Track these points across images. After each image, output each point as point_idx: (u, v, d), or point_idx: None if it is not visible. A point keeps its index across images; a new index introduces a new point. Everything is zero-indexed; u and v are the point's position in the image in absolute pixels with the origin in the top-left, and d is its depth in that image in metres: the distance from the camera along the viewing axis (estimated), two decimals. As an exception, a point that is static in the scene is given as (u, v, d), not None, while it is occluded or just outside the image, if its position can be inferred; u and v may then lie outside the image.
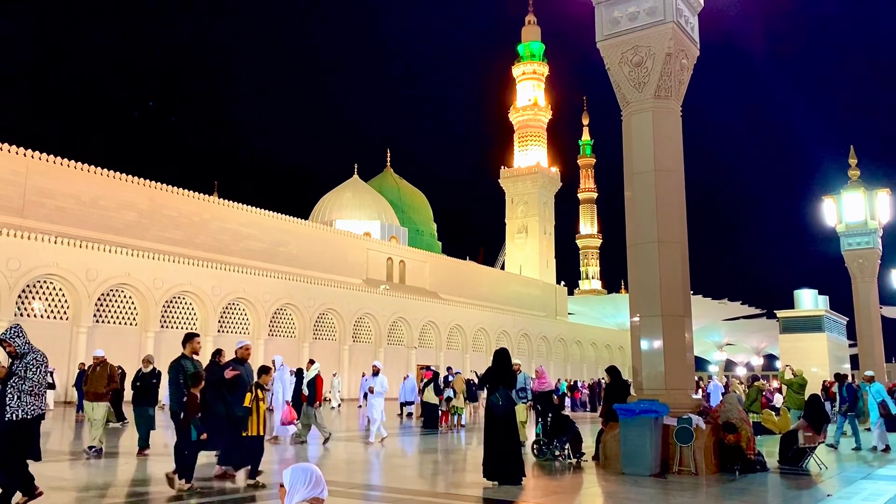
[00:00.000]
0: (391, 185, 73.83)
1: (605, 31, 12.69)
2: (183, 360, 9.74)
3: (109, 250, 33.35)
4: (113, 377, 13.67)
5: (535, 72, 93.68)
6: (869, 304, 27.56)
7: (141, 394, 13.78)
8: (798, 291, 37.86)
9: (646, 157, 12.34)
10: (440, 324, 52.84)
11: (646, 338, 11.99)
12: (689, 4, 12.78)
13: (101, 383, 13.53)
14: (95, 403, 13.41)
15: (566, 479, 11.13)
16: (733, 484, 10.32)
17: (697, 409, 11.64)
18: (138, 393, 13.79)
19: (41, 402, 7.45)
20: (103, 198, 37.59)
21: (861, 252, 27.46)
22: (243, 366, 10.38)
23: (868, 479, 11.27)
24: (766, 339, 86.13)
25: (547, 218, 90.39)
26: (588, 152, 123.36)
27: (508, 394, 10.27)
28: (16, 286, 29.82)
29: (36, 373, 7.40)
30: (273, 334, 40.98)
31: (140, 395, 13.76)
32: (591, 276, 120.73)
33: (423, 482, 11.25)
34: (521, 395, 15.40)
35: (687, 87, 12.83)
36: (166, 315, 36.07)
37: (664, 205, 12.18)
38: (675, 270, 12.06)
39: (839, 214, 28.06)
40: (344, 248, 52.39)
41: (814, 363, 35.21)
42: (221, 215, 43.93)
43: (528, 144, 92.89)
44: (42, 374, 7.45)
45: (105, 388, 13.55)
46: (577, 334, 70.74)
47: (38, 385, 7.41)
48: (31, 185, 34.72)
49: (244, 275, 39.48)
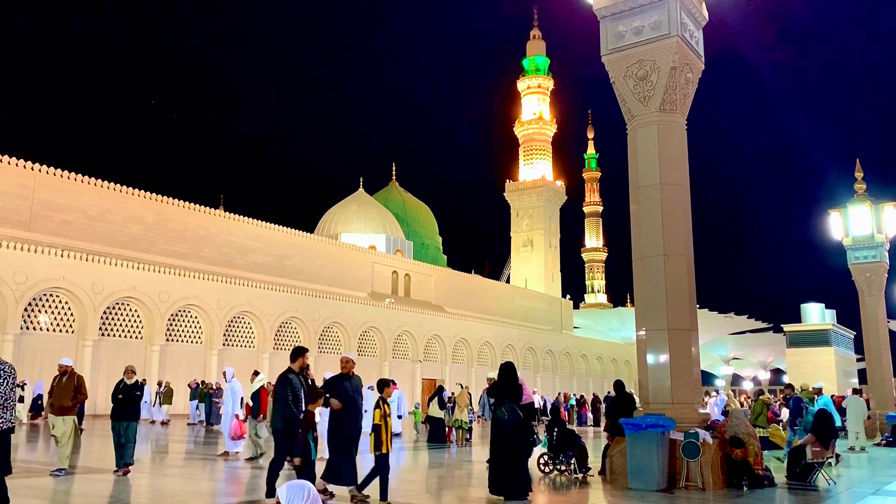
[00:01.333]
0: (396, 199, 73.98)
1: (610, 45, 12.73)
2: (290, 375, 9.28)
3: (115, 264, 33.45)
4: (81, 388, 12.40)
5: (539, 86, 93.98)
6: (877, 318, 27.38)
7: (123, 407, 12.41)
8: (805, 305, 37.73)
9: (651, 171, 12.34)
10: (445, 337, 52.74)
11: (652, 352, 11.94)
12: (693, 19, 12.82)
13: (67, 395, 12.27)
14: (61, 418, 12.13)
15: (572, 495, 11.05)
16: (741, 499, 10.23)
17: (704, 423, 11.57)
18: (120, 406, 12.41)
19: (10, 415, 7.38)
20: (110, 211, 37.74)
21: (868, 266, 27.32)
22: (350, 380, 9.80)
23: (877, 495, 11.16)
24: (773, 354, 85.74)
25: (552, 231, 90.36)
26: (593, 166, 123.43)
27: (514, 408, 10.22)
28: (22, 299, 29.90)
29: (3, 385, 7.32)
30: (278, 348, 40.96)
31: (122, 409, 12.40)
32: (597, 289, 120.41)
33: (428, 497, 11.18)
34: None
35: (692, 100, 12.84)
36: (172, 328, 36.09)
37: (670, 218, 12.16)
38: (681, 284, 12.02)
39: (846, 228, 27.96)
40: (349, 261, 52.43)
41: (821, 377, 34.94)
42: (227, 229, 44.05)
43: (534, 158, 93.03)
44: (10, 386, 7.38)
45: (72, 402, 12.28)
46: (582, 348, 70.49)
47: (5, 398, 7.34)
48: (38, 199, 34.88)
49: (250, 288, 39.53)
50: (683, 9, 12.39)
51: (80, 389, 12.40)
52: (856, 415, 20.54)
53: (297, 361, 9.42)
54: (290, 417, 9.03)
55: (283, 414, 9.02)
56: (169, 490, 11.08)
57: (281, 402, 9.09)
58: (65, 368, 12.57)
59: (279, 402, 9.12)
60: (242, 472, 13.32)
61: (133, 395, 12.49)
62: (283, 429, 9.02)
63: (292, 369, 9.38)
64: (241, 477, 12.74)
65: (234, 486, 11.85)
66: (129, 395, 12.44)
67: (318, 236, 54.67)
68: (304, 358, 9.50)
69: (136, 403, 12.65)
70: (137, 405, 12.70)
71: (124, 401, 12.40)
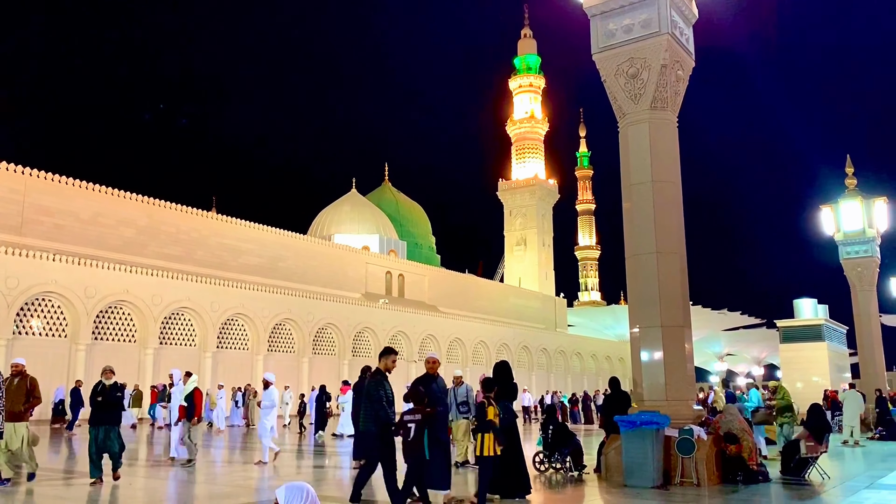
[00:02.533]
0: (389, 199, 73.93)
1: (601, 43, 12.75)
2: (381, 376, 8.97)
3: (108, 267, 33.30)
4: (34, 392, 11.24)
5: (531, 84, 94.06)
6: (869, 313, 27.51)
7: (103, 411, 11.39)
8: (798, 301, 37.81)
9: (643, 169, 12.37)
10: (440, 337, 52.73)
11: (646, 349, 11.97)
12: (683, 16, 12.85)
13: (19, 400, 11.03)
14: (14, 424, 10.82)
15: (568, 492, 11.07)
16: (736, 495, 10.27)
17: (699, 419, 11.60)
18: (100, 410, 11.38)
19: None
20: (102, 215, 37.59)
21: (860, 261, 27.44)
22: (436, 381, 9.57)
23: (871, 489, 11.22)
24: (767, 349, 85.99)
25: (545, 230, 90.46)
26: (586, 164, 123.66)
27: (510, 407, 10.24)
28: (14, 304, 29.74)
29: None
30: (272, 349, 40.88)
31: (103, 413, 11.38)
32: (591, 287, 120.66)
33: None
34: (461, 410, 13.92)
35: (683, 97, 12.88)
36: (165, 331, 35.97)
37: (662, 215, 12.19)
38: (674, 281, 12.05)
39: (837, 223, 28.07)
40: (342, 262, 52.35)
41: (814, 372, 35.14)
42: (220, 231, 43.92)
43: (526, 157, 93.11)
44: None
45: (24, 406, 11.09)
46: (577, 346, 70.57)
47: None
48: (29, 203, 34.70)
49: (243, 290, 39.42)
50: (673, 6, 12.42)
51: (32, 393, 11.22)
52: (853, 409, 20.62)
53: (382, 362, 9.09)
54: (386, 420, 8.66)
55: (376, 416, 8.64)
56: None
57: (376, 403, 8.70)
58: (17, 368, 11.41)
59: (375, 403, 8.71)
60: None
61: (114, 397, 11.52)
62: (376, 432, 8.64)
63: (381, 370, 9.05)
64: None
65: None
66: (110, 398, 11.46)
67: (312, 237, 54.58)
68: (390, 359, 9.15)
69: (118, 406, 11.67)
70: (119, 408, 11.73)
71: (104, 404, 11.41)
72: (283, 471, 13.66)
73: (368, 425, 8.77)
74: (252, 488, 11.72)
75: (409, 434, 8.41)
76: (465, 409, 13.95)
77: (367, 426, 8.80)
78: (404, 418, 8.51)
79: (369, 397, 8.83)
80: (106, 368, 11.74)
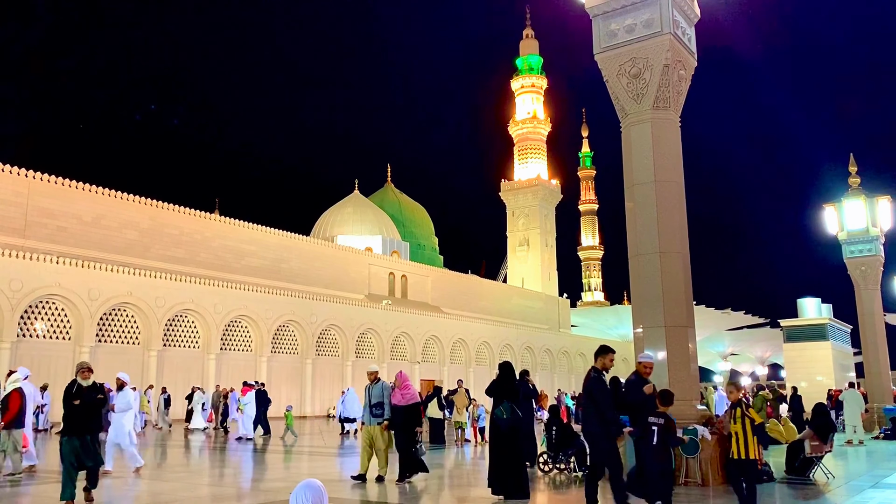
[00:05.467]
0: (392, 200, 73.95)
1: (603, 43, 12.75)
2: (602, 375, 8.51)
3: (111, 269, 33.38)
4: (8, 403, 10.53)
5: (533, 85, 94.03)
6: (873, 312, 27.44)
7: (81, 416, 9.51)
8: (801, 300, 37.74)
9: (646, 168, 12.35)
10: (443, 338, 52.73)
11: (649, 349, 11.95)
12: (685, 16, 12.84)
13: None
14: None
15: (572, 493, 11.06)
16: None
17: (703, 419, 11.58)
18: (77, 415, 9.49)
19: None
20: (105, 217, 37.66)
21: (863, 260, 27.37)
22: (646, 384, 9.14)
23: (876, 489, 11.19)
24: (771, 349, 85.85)
25: (548, 230, 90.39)
26: (588, 164, 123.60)
27: (513, 407, 10.22)
28: (18, 307, 29.81)
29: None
30: (276, 351, 40.92)
31: (80, 418, 9.50)
32: (594, 287, 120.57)
33: (428, 498, 11.17)
34: (375, 413, 12.03)
35: (685, 97, 12.87)
36: (169, 333, 36.03)
37: (665, 215, 12.18)
38: (677, 281, 12.03)
39: (840, 222, 27.99)
40: (345, 263, 52.39)
41: (818, 372, 35.10)
42: (223, 233, 43.98)
43: (528, 157, 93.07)
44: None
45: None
46: (580, 346, 70.53)
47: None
48: (32, 206, 34.78)
49: (246, 292, 39.47)
50: (675, 6, 12.41)
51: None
52: (853, 408, 20.58)
53: (602, 360, 8.68)
54: (612, 420, 8.30)
55: (602, 417, 8.24)
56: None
57: (601, 404, 8.28)
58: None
59: (600, 404, 8.29)
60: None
61: (93, 398, 9.63)
62: (601, 433, 8.26)
63: (598, 368, 8.60)
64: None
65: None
66: (89, 400, 9.59)
67: (315, 239, 54.61)
68: (611, 357, 8.71)
69: (99, 410, 9.91)
70: (100, 412, 9.99)
71: (82, 407, 9.50)
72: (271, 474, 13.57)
73: (592, 426, 8.35)
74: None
75: (653, 438, 8.10)
76: (380, 412, 12.02)
77: (591, 427, 8.40)
78: (648, 421, 8.17)
79: (592, 397, 8.35)
80: (82, 366, 9.83)
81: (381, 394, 12.02)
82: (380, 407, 11.96)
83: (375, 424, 11.96)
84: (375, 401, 12.02)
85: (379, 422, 11.92)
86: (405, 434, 11.81)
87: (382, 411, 11.94)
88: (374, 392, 12.09)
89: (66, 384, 9.77)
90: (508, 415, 10.08)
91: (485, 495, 10.05)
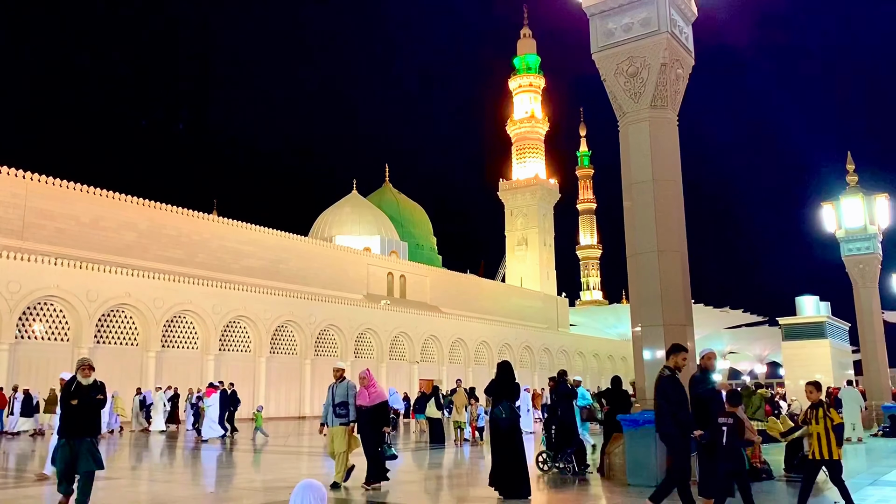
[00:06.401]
0: (390, 200, 73.96)
1: (600, 42, 12.75)
2: (675, 374, 8.25)
3: (110, 271, 33.36)
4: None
5: (531, 84, 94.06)
6: (871, 310, 27.45)
7: (78, 417, 8.62)
8: (800, 298, 37.73)
9: (643, 167, 12.36)
10: (442, 338, 52.74)
11: (648, 348, 11.96)
12: (682, 15, 12.84)
13: None
14: None
15: (572, 492, 11.07)
16: (737, 494, 10.23)
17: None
18: (73, 416, 8.62)
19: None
20: (103, 218, 37.64)
21: (861, 257, 27.39)
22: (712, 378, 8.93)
23: (875, 486, 11.20)
24: (769, 347, 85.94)
25: (546, 230, 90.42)
26: (586, 163, 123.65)
27: (512, 406, 10.24)
28: (16, 308, 29.78)
29: None
30: (274, 352, 40.90)
31: (77, 420, 8.62)
32: (592, 286, 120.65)
33: (428, 497, 11.18)
34: (338, 413, 11.26)
35: (683, 96, 12.87)
36: (167, 334, 36.00)
37: (663, 214, 12.18)
38: (675, 279, 12.04)
39: (838, 220, 28.00)
40: (344, 263, 52.38)
41: (817, 370, 35.06)
42: (221, 233, 43.97)
43: (526, 157, 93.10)
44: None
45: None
46: (579, 345, 70.58)
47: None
48: (30, 207, 34.76)
49: (244, 293, 39.45)
50: (673, 5, 12.41)
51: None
52: (851, 406, 20.60)
53: (674, 359, 8.44)
54: (685, 421, 8.08)
55: (678, 418, 8.02)
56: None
57: (677, 404, 8.06)
58: None
59: (675, 404, 8.08)
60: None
61: (93, 399, 8.79)
62: (677, 433, 8.06)
63: (670, 367, 8.39)
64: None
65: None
66: (88, 400, 8.75)
67: (313, 239, 54.60)
68: (683, 356, 8.45)
69: (98, 411, 8.94)
70: (99, 414, 8.99)
71: (80, 408, 8.66)
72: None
73: (668, 427, 8.15)
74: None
75: (723, 438, 8.02)
76: (344, 412, 11.23)
77: (666, 428, 8.19)
78: (718, 421, 8.08)
79: (667, 398, 8.13)
80: (83, 363, 9.00)
81: (345, 393, 11.31)
82: (344, 407, 11.23)
83: (339, 425, 11.19)
84: (339, 400, 11.27)
85: (342, 422, 11.19)
86: (373, 435, 11.06)
87: (346, 411, 11.23)
88: (338, 391, 11.35)
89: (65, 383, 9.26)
90: (507, 414, 10.10)
91: (484, 494, 10.05)
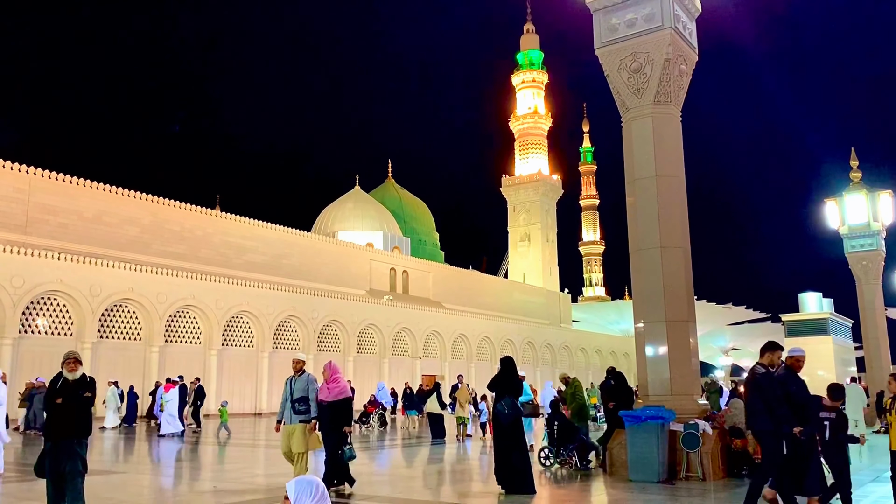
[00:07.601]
0: (393, 196, 73.96)
1: (604, 37, 12.73)
2: (769, 371, 8.09)
3: (113, 266, 33.40)
4: None
5: (534, 80, 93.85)
6: (874, 306, 27.46)
7: (67, 416, 7.52)
8: (802, 295, 37.66)
9: (646, 163, 12.35)
10: (444, 333, 52.77)
11: (650, 344, 11.96)
12: (686, 10, 12.81)
13: None
14: None
15: (574, 488, 11.08)
16: (741, 489, 10.22)
17: (704, 414, 11.60)
18: (61, 415, 7.53)
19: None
20: (106, 213, 37.70)
21: (864, 254, 27.37)
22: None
23: (877, 482, 11.20)
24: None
25: (549, 225, 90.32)
26: (589, 159, 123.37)
27: (514, 402, 10.25)
28: (20, 303, 29.85)
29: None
30: (277, 347, 40.95)
31: (62, 420, 7.52)
32: (595, 282, 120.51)
33: (429, 492, 11.21)
34: (298, 409, 10.28)
35: (686, 92, 12.85)
36: (170, 329, 36.06)
37: (666, 210, 12.18)
38: (678, 275, 12.04)
39: (842, 217, 27.98)
40: (347, 259, 52.41)
41: (820, 367, 34.95)
42: (224, 229, 44.01)
43: (529, 152, 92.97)
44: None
45: None
46: (581, 341, 70.58)
47: None
48: (34, 202, 34.82)
49: (247, 288, 39.50)
50: (676, 0, 12.39)
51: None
52: (854, 403, 20.59)
53: (769, 356, 8.22)
54: (783, 418, 7.83)
55: (773, 415, 7.83)
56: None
57: (773, 401, 7.86)
58: None
59: (771, 401, 7.89)
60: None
61: (80, 397, 7.62)
62: (772, 431, 7.86)
63: (765, 364, 8.18)
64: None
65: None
66: (75, 398, 7.60)
67: (316, 235, 54.63)
68: (779, 353, 8.24)
69: (88, 409, 7.74)
70: (88, 412, 7.75)
71: (65, 407, 7.54)
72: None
73: (764, 424, 7.96)
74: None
75: (826, 434, 7.86)
76: (304, 409, 10.27)
77: (762, 426, 8.00)
78: (820, 415, 7.93)
79: (762, 395, 7.96)
80: (69, 356, 7.82)
81: (305, 387, 10.34)
82: (303, 402, 10.26)
83: (297, 423, 10.22)
84: (298, 395, 10.30)
85: (303, 419, 10.22)
86: (334, 435, 10.24)
87: (307, 408, 10.25)
88: (297, 385, 10.38)
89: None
90: (510, 409, 10.11)
91: (485, 489, 10.08)
